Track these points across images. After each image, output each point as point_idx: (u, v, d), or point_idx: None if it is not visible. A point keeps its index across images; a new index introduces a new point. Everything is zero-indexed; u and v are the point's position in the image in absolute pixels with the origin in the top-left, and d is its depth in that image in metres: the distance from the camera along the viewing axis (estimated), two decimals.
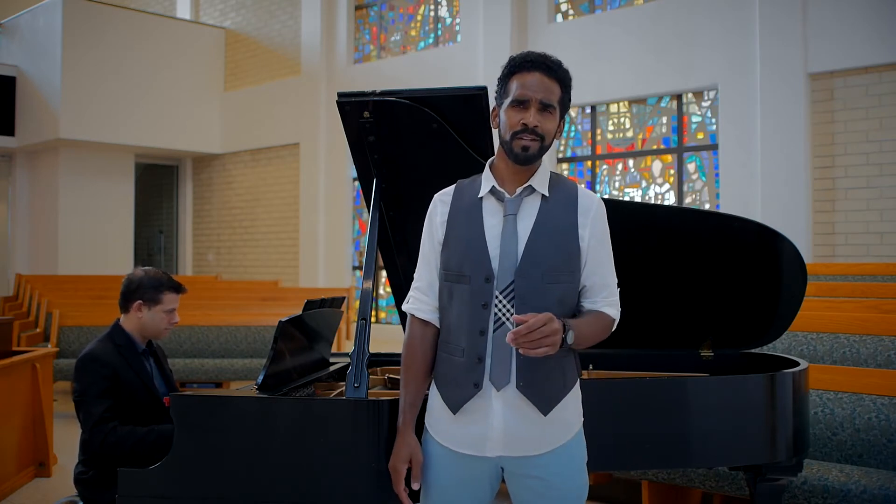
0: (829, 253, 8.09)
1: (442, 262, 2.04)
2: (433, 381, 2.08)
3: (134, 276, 3.15)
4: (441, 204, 2.07)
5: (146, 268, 3.21)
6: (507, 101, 1.97)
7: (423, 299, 2.08)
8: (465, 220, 2.01)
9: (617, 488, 4.28)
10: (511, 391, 1.94)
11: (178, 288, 3.17)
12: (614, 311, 2.03)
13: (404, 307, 2.11)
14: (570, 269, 1.97)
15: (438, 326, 2.07)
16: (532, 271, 1.93)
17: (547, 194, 1.99)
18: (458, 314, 1.99)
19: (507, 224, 1.96)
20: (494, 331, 1.94)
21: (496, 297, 1.94)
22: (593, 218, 2.00)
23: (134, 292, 3.10)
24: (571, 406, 2.01)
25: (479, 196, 2.01)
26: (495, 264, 1.94)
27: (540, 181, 2.00)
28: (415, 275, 2.12)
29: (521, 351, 1.81)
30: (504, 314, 1.94)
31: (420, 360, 2.06)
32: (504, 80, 2.01)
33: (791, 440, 2.66)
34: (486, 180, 2.03)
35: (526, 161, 1.95)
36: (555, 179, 2.03)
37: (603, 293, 2.02)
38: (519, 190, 1.99)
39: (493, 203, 2.00)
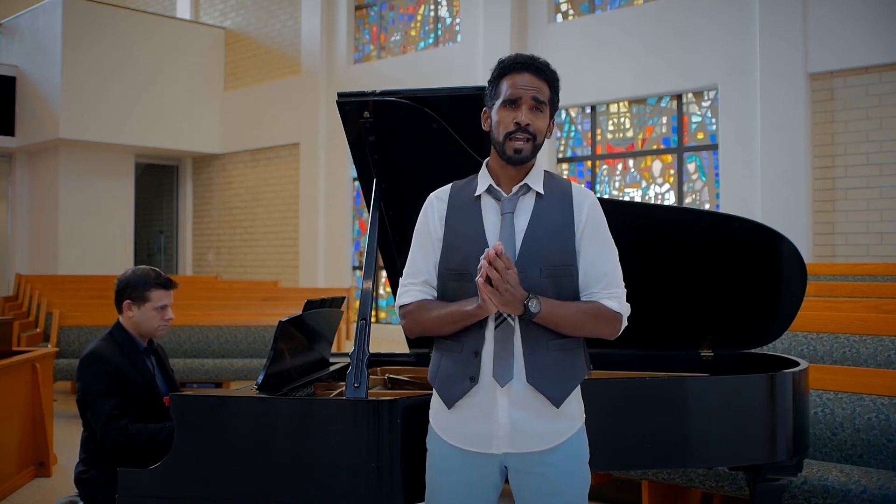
0: (829, 253, 8.09)
1: (441, 260, 2.03)
2: (431, 380, 2.08)
3: (122, 276, 3.13)
4: (438, 202, 2.07)
5: (136, 266, 3.18)
6: (499, 102, 1.99)
7: (425, 290, 2.04)
8: (465, 218, 2.02)
9: (617, 488, 4.28)
10: (518, 386, 1.94)
11: (166, 284, 3.12)
12: (615, 303, 1.99)
13: (402, 300, 2.06)
14: (567, 264, 1.98)
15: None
16: (530, 267, 1.94)
17: (542, 192, 2.01)
18: None
19: (504, 222, 1.98)
20: (496, 327, 1.95)
21: None
22: (588, 212, 2.01)
23: (122, 292, 3.08)
24: (574, 401, 2.02)
25: (476, 195, 2.03)
26: None
27: (535, 179, 2.02)
28: (407, 270, 2.08)
29: (478, 279, 1.84)
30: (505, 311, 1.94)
31: (437, 302, 2.03)
32: (494, 82, 2.02)
33: (791, 440, 2.66)
34: (483, 179, 2.04)
35: (519, 162, 1.98)
36: (549, 177, 2.05)
37: (601, 284, 1.99)
38: (515, 188, 2.00)
39: (490, 201, 2.02)
